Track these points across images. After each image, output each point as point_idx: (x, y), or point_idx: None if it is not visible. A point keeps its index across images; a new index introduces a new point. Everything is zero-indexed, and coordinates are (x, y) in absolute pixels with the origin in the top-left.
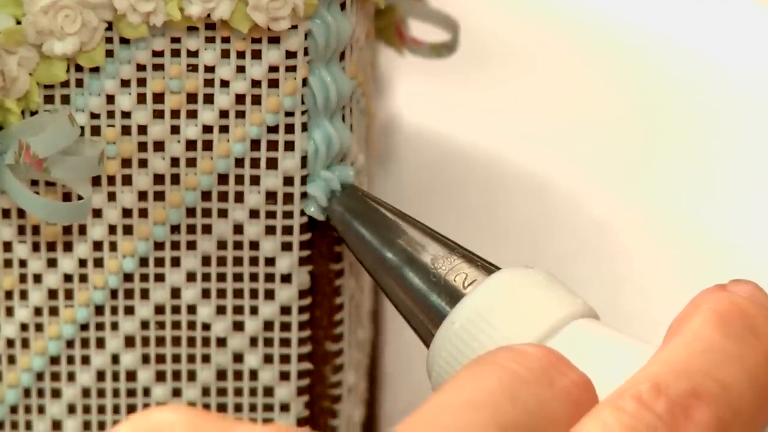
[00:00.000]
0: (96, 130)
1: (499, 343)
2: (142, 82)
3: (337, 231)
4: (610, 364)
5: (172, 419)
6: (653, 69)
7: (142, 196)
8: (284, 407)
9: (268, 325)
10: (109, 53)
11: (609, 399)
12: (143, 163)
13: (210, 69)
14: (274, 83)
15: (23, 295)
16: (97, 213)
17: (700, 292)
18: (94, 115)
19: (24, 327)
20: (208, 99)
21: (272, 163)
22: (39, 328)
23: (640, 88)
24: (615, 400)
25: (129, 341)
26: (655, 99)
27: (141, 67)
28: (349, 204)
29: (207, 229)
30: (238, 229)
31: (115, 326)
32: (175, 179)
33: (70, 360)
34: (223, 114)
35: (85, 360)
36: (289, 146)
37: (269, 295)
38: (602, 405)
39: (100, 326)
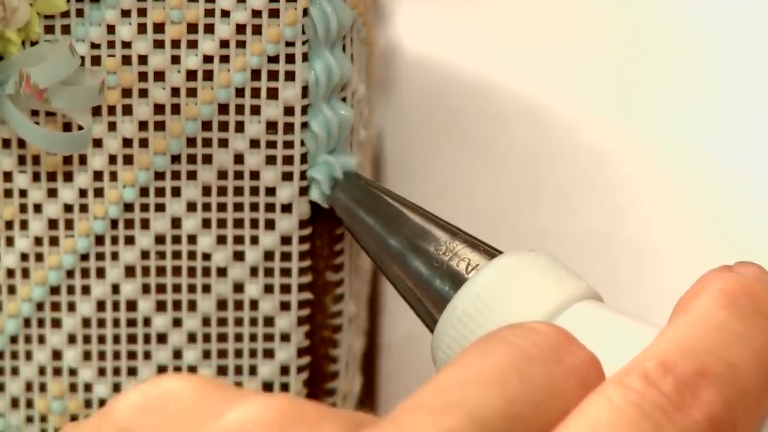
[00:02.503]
0: (96, 60)
1: (501, 326)
2: (142, 12)
3: (341, 219)
4: (613, 345)
5: (180, 387)
6: None
7: (143, 125)
8: (285, 337)
9: (268, 255)
10: None
11: (616, 376)
12: (143, 93)
13: None
14: (274, 13)
15: (23, 224)
16: (98, 143)
17: (706, 272)
18: (95, 45)
19: (24, 257)
20: (209, 29)
21: (273, 93)
22: (39, 257)
23: (641, 14)
24: (622, 378)
25: (129, 271)
26: (655, 26)
27: None
28: (352, 192)
29: (207, 159)
30: (239, 158)
31: (115, 256)
32: (176, 109)
33: (71, 290)
34: (224, 44)
35: (86, 290)
36: (290, 76)
37: (270, 225)
38: (609, 382)
39: (100, 256)
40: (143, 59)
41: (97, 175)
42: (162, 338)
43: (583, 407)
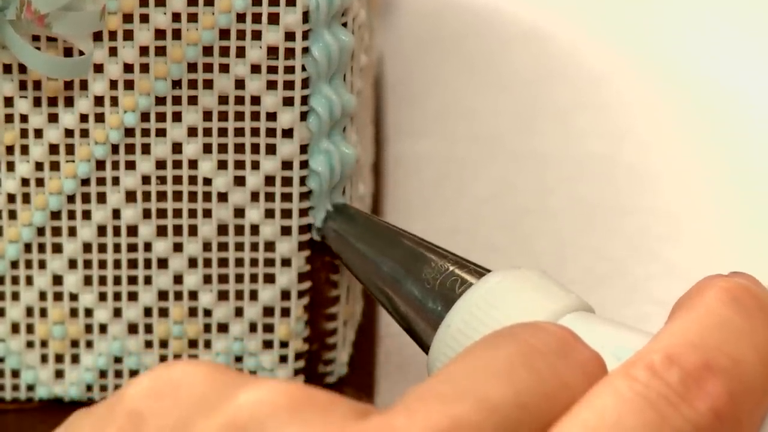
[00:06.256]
0: None
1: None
2: None
3: (333, 250)
4: (606, 354)
5: (191, 371)
6: None
7: (144, 50)
8: (285, 262)
9: (269, 180)
10: None
11: (621, 368)
12: (144, 18)
13: None
14: None
15: (24, 150)
16: (99, 68)
17: (704, 277)
18: None
19: (25, 182)
20: None
21: (274, 18)
22: (40, 183)
23: None
24: (627, 369)
25: (130, 196)
26: None
27: None
28: (342, 222)
29: (208, 84)
30: (240, 84)
31: (116, 181)
32: (177, 34)
33: (71, 215)
34: None
35: (86, 215)
36: (291, 1)
37: (270, 149)
38: (615, 374)
39: (101, 181)
40: None
41: (98, 100)
42: (162, 263)
43: (590, 397)
